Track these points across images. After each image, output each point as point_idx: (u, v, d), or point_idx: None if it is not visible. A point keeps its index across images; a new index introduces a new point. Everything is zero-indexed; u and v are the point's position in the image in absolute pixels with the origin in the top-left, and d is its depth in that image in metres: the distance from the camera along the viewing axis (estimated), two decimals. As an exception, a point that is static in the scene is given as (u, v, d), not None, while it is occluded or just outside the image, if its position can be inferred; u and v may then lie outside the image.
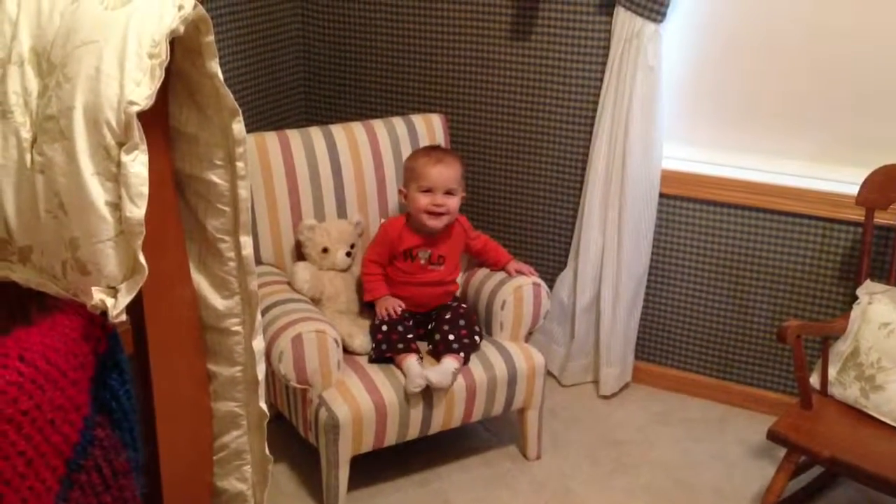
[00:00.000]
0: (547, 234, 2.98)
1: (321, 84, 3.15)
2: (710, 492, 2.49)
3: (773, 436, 2.18)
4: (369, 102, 3.09)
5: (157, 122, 1.28)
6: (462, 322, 2.42)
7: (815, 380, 2.32)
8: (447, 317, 2.43)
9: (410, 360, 2.30)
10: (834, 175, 2.62)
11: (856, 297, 2.34)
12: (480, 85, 2.92)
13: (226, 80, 1.31)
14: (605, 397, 2.92)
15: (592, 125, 2.76)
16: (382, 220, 2.63)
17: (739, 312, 2.81)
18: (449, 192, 2.43)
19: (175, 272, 1.36)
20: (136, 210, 1.18)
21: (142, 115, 1.19)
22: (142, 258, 1.19)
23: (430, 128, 2.76)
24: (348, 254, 2.54)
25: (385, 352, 2.35)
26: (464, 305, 2.50)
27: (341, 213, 2.64)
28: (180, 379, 1.40)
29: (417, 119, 2.77)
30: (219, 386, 1.50)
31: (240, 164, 1.34)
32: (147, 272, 1.19)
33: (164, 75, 1.19)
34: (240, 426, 1.53)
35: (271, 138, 2.57)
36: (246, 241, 1.41)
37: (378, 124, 2.72)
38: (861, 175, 2.37)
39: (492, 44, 2.86)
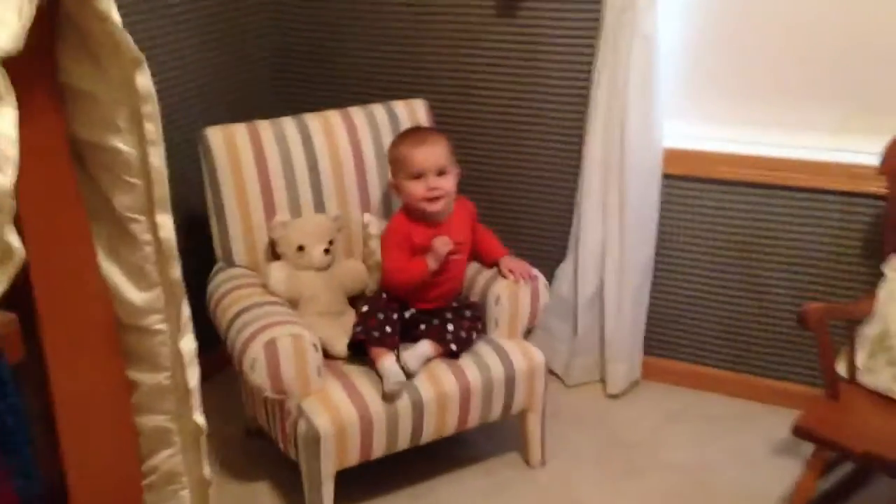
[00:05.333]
0: (543, 224, 2.79)
1: (293, 71, 2.97)
2: (732, 495, 2.28)
3: (799, 431, 1.97)
4: (346, 89, 2.91)
5: (40, 75, 1.06)
6: (468, 313, 2.26)
7: (841, 368, 2.11)
8: (454, 305, 2.29)
9: (388, 362, 2.12)
10: (854, 146, 2.42)
11: (881, 275, 2.13)
12: (465, 66, 2.73)
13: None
14: (614, 396, 2.73)
15: (587, 104, 2.57)
16: (366, 216, 2.44)
17: (756, 299, 2.61)
18: (441, 173, 2.24)
19: (77, 260, 1.15)
20: (2, 178, 0.97)
21: (14, 65, 0.98)
22: (13, 238, 0.99)
23: (413, 114, 2.58)
24: (326, 251, 2.35)
25: (358, 335, 2.17)
26: (471, 299, 2.35)
27: (319, 208, 2.46)
28: (91, 390, 1.19)
29: (398, 105, 2.59)
30: (143, 396, 1.29)
31: (149, 127, 1.13)
32: (22, 255, 0.98)
33: (35, 14, 0.97)
34: (171, 444, 1.32)
35: (240, 131, 2.38)
36: (164, 222, 1.20)
37: (356, 112, 2.54)
38: (882, 144, 2.16)
39: (476, 21, 2.67)
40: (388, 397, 2.09)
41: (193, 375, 1.28)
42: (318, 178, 2.44)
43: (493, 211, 2.83)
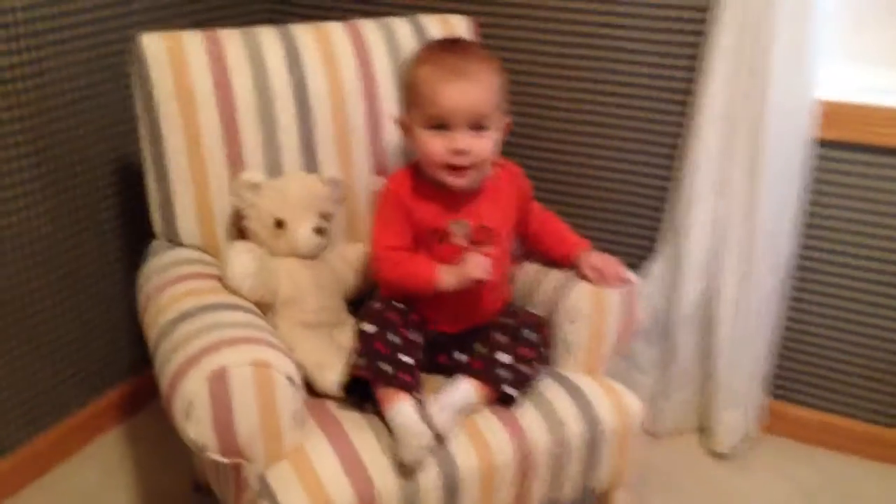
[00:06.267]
0: (625, 205, 2.05)
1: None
2: None
3: None
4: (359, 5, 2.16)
5: None
6: (528, 334, 1.49)
7: None
8: (508, 321, 1.52)
9: (401, 406, 1.36)
10: None
11: None
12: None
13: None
14: (721, 456, 2.00)
15: (702, 33, 1.84)
16: (375, 180, 1.69)
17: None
18: (479, 125, 1.43)
19: None
20: None
21: None
22: None
23: (451, 34, 1.81)
24: (319, 230, 1.59)
25: (359, 370, 1.40)
26: (532, 311, 1.57)
27: (310, 165, 1.70)
28: None
29: (430, 21, 1.82)
30: None
31: None
32: None
33: None
34: None
35: (193, 41, 1.62)
36: None
37: (368, 26, 1.78)
38: None
39: None
40: (407, 469, 1.32)
41: None
42: (308, 119, 1.68)
43: (552, 185, 2.09)
